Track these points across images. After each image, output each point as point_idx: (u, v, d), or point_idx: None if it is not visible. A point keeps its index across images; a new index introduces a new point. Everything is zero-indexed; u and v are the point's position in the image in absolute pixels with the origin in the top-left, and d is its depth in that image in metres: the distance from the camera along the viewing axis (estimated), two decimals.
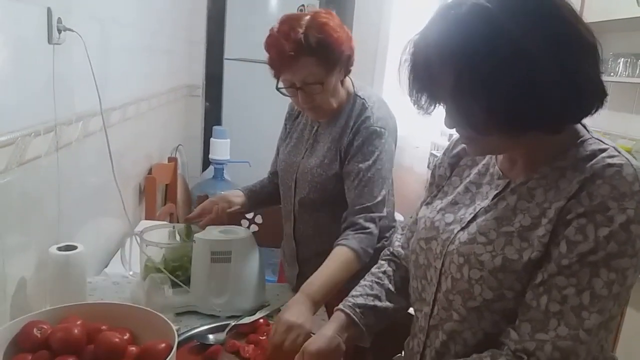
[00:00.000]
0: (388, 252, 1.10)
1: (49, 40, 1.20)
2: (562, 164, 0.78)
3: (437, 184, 0.99)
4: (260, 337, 1.18)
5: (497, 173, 0.88)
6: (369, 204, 1.29)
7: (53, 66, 1.22)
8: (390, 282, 1.04)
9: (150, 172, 2.33)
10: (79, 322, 0.97)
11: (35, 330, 0.93)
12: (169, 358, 0.88)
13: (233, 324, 1.23)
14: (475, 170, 0.92)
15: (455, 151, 0.98)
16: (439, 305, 0.87)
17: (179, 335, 1.17)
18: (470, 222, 0.85)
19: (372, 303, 1.00)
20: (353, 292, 1.02)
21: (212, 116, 3.88)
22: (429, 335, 0.90)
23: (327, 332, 0.96)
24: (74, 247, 1.15)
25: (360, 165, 1.31)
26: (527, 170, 0.82)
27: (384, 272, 1.05)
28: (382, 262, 1.09)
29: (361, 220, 1.28)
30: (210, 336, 1.19)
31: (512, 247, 0.78)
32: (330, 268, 1.19)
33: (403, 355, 1.02)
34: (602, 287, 0.72)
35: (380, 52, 3.94)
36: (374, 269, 1.08)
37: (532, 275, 0.76)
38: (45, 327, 0.94)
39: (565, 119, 0.74)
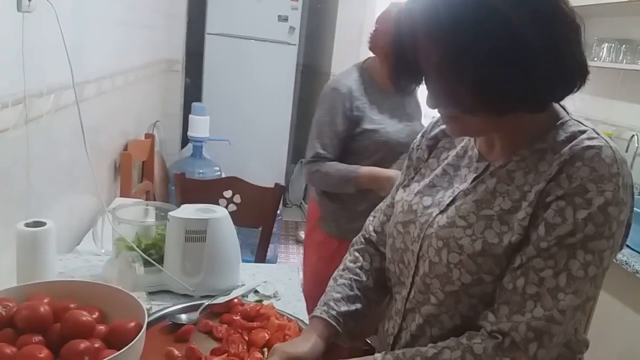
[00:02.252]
0: (362, 240, 1.07)
1: (19, 8, 1.15)
2: (541, 146, 0.78)
3: (415, 167, 0.98)
4: (234, 317, 1.17)
5: (476, 155, 0.87)
6: None
7: (23, 35, 1.17)
8: (368, 278, 1.00)
9: (126, 148, 2.28)
10: (46, 300, 0.94)
11: (0, 307, 0.91)
12: (138, 337, 0.87)
13: (207, 303, 1.22)
14: (453, 153, 0.92)
15: (433, 133, 0.97)
16: (416, 289, 0.86)
17: (150, 315, 1.16)
18: (449, 205, 0.85)
19: (353, 307, 0.96)
20: (334, 295, 0.97)
21: (192, 92, 3.81)
22: (405, 318, 0.89)
23: (308, 344, 0.90)
24: (43, 224, 1.12)
25: None
26: (506, 153, 0.82)
27: (361, 268, 1.01)
28: (357, 254, 1.04)
29: None
30: (183, 316, 1.18)
31: (492, 231, 0.77)
32: None
33: (377, 336, 1.02)
34: (579, 269, 0.72)
35: (365, 36, 3.90)
36: (349, 263, 1.03)
37: (511, 259, 0.76)
38: (10, 304, 0.92)
39: (550, 95, 0.74)
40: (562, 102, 0.81)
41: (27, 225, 1.09)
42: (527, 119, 0.77)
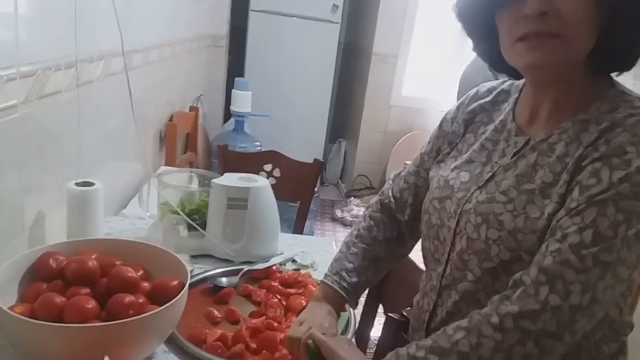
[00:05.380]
0: (378, 206, 1.05)
1: None
2: (584, 117, 0.76)
3: (450, 141, 0.95)
4: (272, 283, 1.19)
5: (515, 129, 0.84)
6: None
7: (75, 1, 1.20)
8: (380, 248, 1.01)
9: (171, 119, 2.32)
10: (94, 256, 0.98)
11: (51, 260, 0.95)
12: (181, 294, 0.89)
13: (247, 268, 1.24)
14: (491, 127, 0.89)
15: (471, 107, 0.94)
16: (452, 265, 0.85)
17: (192, 277, 1.19)
18: (488, 180, 0.83)
19: (363, 277, 0.99)
20: (346, 265, 0.99)
21: (235, 68, 3.84)
22: (441, 294, 0.88)
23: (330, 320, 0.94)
24: (92, 184, 1.15)
25: None
26: (549, 126, 0.80)
27: (374, 238, 1.02)
28: (372, 222, 1.03)
29: None
30: (224, 279, 1.20)
31: (534, 206, 0.75)
32: None
33: (411, 310, 1.01)
34: (607, 227, 0.67)
35: (409, 11, 3.82)
36: (362, 231, 1.03)
37: None
38: (60, 258, 0.96)
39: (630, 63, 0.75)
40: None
41: (77, 184, 1.13)
42: (581, 85, 0.76)
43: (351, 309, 1.07)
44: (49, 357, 0.82)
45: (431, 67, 3.94)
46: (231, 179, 1.32)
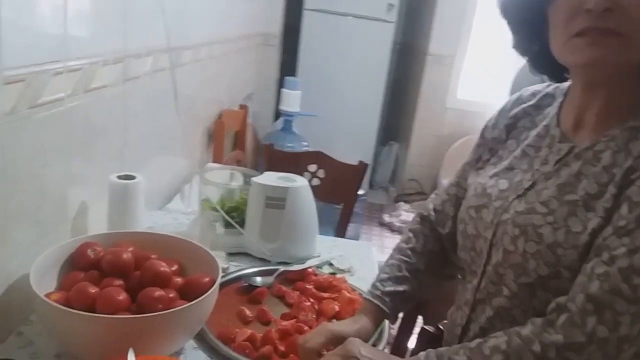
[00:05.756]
0: (418, 219, 1.01)
1: None
2: (635, 124, 0.70)
3: (491, 148, 0.90)
4: (307, 286, 1.17)
5: (559, 135, 0.78)
6: None
7: None
8: (419, 260, 0.95)
9: (220, 117, 2.35)
10: (130, 249, 0.99)
11: (89, 251, 0.97)
12: (209, 292, 0.88)
13: (282, 269, 1.23)
14: (534, 133, 0.83)
15: (513, 111, 0.88)
16: (487, 279, 0.80)
17: (228, 274, 1.19)
18: (528, 189, 0.77)
19: (401, 288, 0.92)
20: (382, 276, 0.94)
21: (287, 67, 3.85)
22: (475, 309, 0.83)
23: (356, 325, 0.88)
24: (133, 177, 1.17)
25: None
26: (595, 133, 0.73)
27: (413, 249, 0.96)
28: (410, 234, 0.99)
29: None
30: (258, 278, 1.19)
31: (577, 219, 0.69)
32: None
33: (446, 324, 0.96)
34: None
35: (468, 10, 3.71)
36: (401, 244, 0.98)
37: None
38: (98, 249, 0.98)
39: None
40: None
41: (119, 177, 1.15)
42: (633, 89, 0.70)
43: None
44: (80, 345, 0.84)
45: (489, 69, 3.80)
46: (270, 178, 1.31)
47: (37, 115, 0.93)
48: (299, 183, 1.30)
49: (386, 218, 3.80)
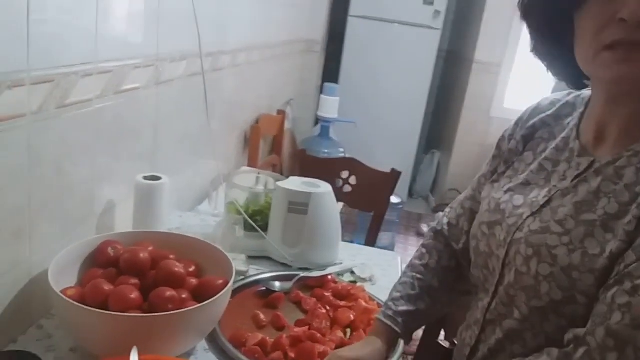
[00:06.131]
0: (432, 234, 0.97)
1: None
2: None
3: (507, 160, 0.85)
4: (325, 293, 1.15)
5: (578, 149, 0.73)
6: None
7: (159, 1, 1.26)
8: (433, 277, 0.91)
9: (257, 122, 2.38)
10: (150, 248, 1.01)
11: (109, 249, 0.99)
12: (219, 295, 0.88)
13: (301, 275, 1.22)
14: (552, 145, 0.78)
15: (531, 122, 0.83)
16: (499, 300, 0.76)
17: (246, 278, 1.19)
18: (543, 206, 0.73)
19: (414, 307, 0.88)
20: (394, 294, 0.90)
21: (330, 73, 3.86)
22: (485, 329, 0.79)
23: (368, 348, 0.85)
24: (159, 178, 1.19)
25: None
26: (618, 147, 0.68)
27: (426, 266, 0.92)
28: (424, 250, 0.95)
29: None
30: (277, 283, 1.19)
31: (594, 240, 0.65)
32: None
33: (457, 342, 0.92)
34: None
35: (516, 18, 3.60)
36: (414, 260, 0.95)
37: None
38: (119, 247, 1.00)
39: None
40: None
41: (145, 178, 1.18)
42: None
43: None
44: (93, 340, 0.85)
45: (537, 79, 3.67)
46: (294, 183, 1.31)
47: (65, 115, 0.96)
48: (323, 189, 1.29)
49: (424, 228, 3.73)
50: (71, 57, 0.96)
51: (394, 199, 3.26)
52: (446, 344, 0.94)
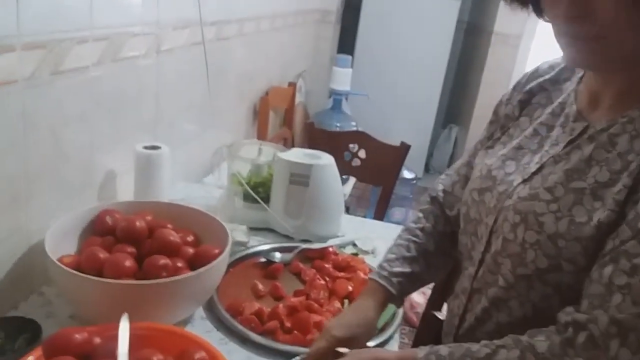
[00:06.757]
0: (428, 199, 0.95)
1: None
2: None
3: (503, 125, 0.83)
4: (325, 265, 1.15)
5: (574, 113, 0.70)
6: None
7: None
8: (429, 241, 0.89)
9: (266, 93, 2.35)
10: (148, 218, 1.01)
11: (107, 217, 0.99)
12: (212, 264, 0.88)
13: (302, 247, 1.21)
14: (548, 110, 0.75)
15: (528, 86, 0.80)
16: (485, 267, 0.75)
17: (247, 249, 1.19)
18: (534, 173, 0.71)
19: (409, 269, 0.86)
20: (388, 256, 0.88)
21: (345, 45, 3.79)
22: (471, 298, 0.78)
23: (360, 316, 0.82)
24: (159, 148, 1.19)
25: None
26: (613, 113, 0.66)
27: (422, 229, 0.90)
28: (420, 214, 0.93)
29: None
30: (278, 254, 1.18)
31: (582, 208, 0.63)
32: None
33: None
34: None
35: None
36: (410, 223, 0.93)
37: (601, 245, 0.61)
38: (117, 216, 1.00)
39: None
40: None
41: (145, 147, 1.17)
42: None
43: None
44: (88, 307, 0.86)
45: (558, 51, 3.55)
46: (296, 155, 1.29)
47: (60, 82, 0.95)
48: (324, 161, 1.27)
49: None
50: (64, 23, 0.94)
51: (407, 174, 3.22)
52: (442, 316, 0.93)
